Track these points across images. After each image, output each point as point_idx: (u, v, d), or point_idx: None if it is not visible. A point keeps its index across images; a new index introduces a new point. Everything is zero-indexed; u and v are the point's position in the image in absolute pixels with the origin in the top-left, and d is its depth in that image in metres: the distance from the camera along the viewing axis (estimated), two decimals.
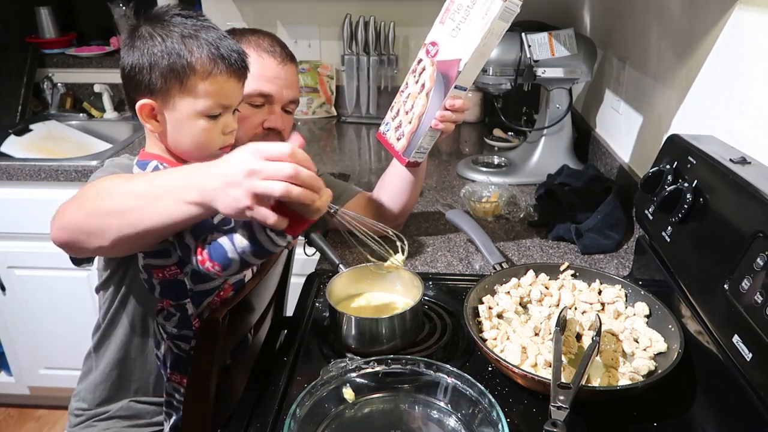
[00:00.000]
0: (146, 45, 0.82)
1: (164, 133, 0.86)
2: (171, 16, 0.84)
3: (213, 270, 0.79)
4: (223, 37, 0.85)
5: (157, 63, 0.81)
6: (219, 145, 0.88)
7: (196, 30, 0.83)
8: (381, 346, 0.89)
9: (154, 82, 0.82)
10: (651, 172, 0.95)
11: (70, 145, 2.17)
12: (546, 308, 0.95)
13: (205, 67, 0.82)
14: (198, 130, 0.85)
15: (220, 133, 0.87)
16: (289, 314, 1.20)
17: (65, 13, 2.65)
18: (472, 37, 0.97)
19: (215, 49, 0.83)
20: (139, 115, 0.85)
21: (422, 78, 1.07)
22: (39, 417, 2.25)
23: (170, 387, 1.00)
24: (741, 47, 0.92)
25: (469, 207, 1.42)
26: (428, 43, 1.06)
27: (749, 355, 0.68)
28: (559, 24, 1.56)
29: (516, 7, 0.94)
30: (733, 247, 0.73)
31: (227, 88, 0.85)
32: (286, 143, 0.70)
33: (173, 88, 0.82)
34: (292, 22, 2.27)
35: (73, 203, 0.80)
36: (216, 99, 0.84)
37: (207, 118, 0.85)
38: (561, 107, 1.59)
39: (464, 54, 0.98)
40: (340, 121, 2.31)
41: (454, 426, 0.75)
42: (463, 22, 0.99)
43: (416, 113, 1.08)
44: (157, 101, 0.84)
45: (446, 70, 1.02)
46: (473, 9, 0.97)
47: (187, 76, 0.82)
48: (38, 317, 2.02)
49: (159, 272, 0.89)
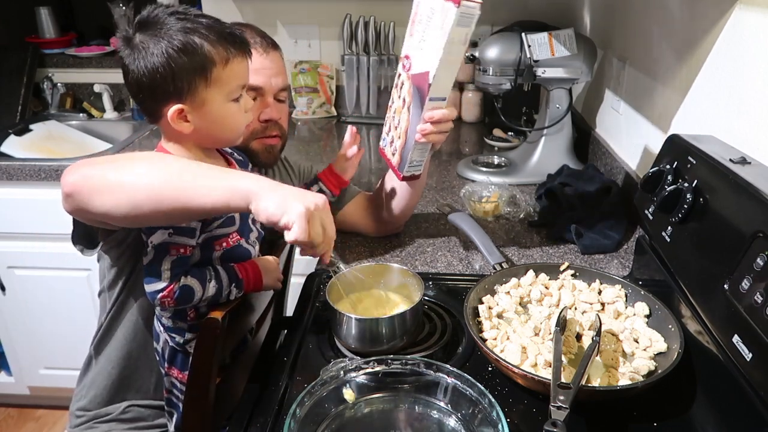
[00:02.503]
0: (157, 50, 0.81)
1: (196, 130, 0.87)
2: (164, 16, 0.83)
3: (166, 305, 0.89)
4: (216, 21, 0.86)
5: (177, 65, 0.81)
6: (245, 123, 0.92)
7: (193, 23, 0.83)
8: (381, 346, 0.89)
9: (180, 86, 0.82)
10: (651, 172, 0.95)
11: (70, 145, 2.17)
12: (546, 308, 0.95)
13: (221, 54, 0.84)
14: (230, 116, 0.88)
15: (244, 112, 0.91)
16: (289, 314, 1.20)
17: (65, 13, 2.65)
18: (435, 48, 0.92)
19: (220, 34, 0.84)
20: (172, 121, 0.85)
21: (402, 93, 1.04)
22: (39, 417, 2.25)
23: (168, 382, 1.00)
24: (741, 47, 0.92)
25: (469, 207, 1.42)
26: (403, 57, 1.02)
27: (749, 355, 0.68)
28: (559, 24, 1.56)
29: (473, 10, 0.87)
30: (733, 247, 0.73)
31: (242, 68, 0.88)
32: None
33: (200, 85, 0.83)
34: (292, 22, 2.27)
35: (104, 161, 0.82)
36: (237, 81, 0.87)
37: (233, 102, 0.88)
38: (561, 107, 1.59)
39: (431, 66, 0.93)
40: (340, 121, 2.31)
41: (454, 426, 0.75)
42: (426, 33, 0.94)
43: (402, 128, 1.04)
44: (187, 103, 0.84)
45: (419, 83, 0.98)
46: (432, 19, 0.92)
47: (209, 69, 0.83)
48: (38, 317, 2.02)
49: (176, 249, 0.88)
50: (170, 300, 0.87)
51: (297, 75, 2.28)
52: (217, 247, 0.93)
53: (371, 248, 1.25)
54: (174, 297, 0.87)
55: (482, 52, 1.53)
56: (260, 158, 1.15)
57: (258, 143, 1.13)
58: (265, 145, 1.14)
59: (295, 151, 1.98)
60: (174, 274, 0.87)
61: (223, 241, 0.93)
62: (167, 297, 0.87)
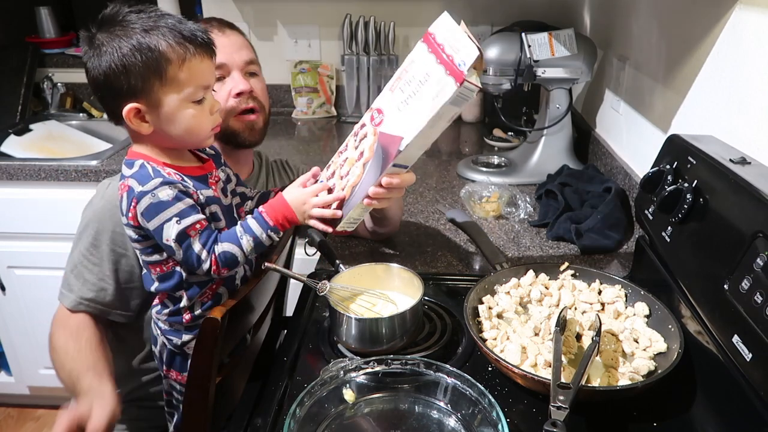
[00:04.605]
0: (112, 48, 0.80)
1: (156, 132, 0.85)
2: (124, 14, 0.82)
3: (222, 274, 0.89)
4: (181, 20, 0.84)
5: (130, 63, 0.80)
6: (210, 126, 0.89)
7: (154, 21, 0.82)
8: (381, 346, 0.89)
9: (134, 84, 0.81)
10: (651, 172, 0.95)
11: (70, 145, 2.17)
12: (546, 308, 0.95)
13: (178, 53, 0.81)
14: (188, 118, 0.85)
15: (209, 114, 0.88)
16: (289, 314, 1.20)
17: (65, 12, 2.65)
18: (419, 116, 0.84)
19: (180, 33, 0.82)
20: (128, 120, 0.83)
21: (362, 145, 0.93)
22: (39, 417, 2.26)
23: (167, 384, 1.00)
24: (741, 47, 0.92)
25: (469, 207, 1.42)
26: (374, 109, 0.91)
27: (749, 355, 0.68)
28: (559, 24, 1.56)
29: (471, 93, 0.82)
30: (733, 247, 0.73)
31: (203, 68, 0.85)
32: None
33: (154, 84, 0.81)
34: (292, 22, 2.27)
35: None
36: (196, 82, 0.84)
37: (193, 104, 0.85)
38: (561, 107, 1.59)
39: (408, 133, 0.85)
40: (340, 121, 2.31)
41: (454, 426, 0.75)
42: (413, 98, 0.85)
43: (350, 182, 0.94)
44: (142, 102, 0.82)
45: (387, 145, 0.88)
46: (425, 86, 0.83)
47: (165, 68, 0.81)
48: (38, 317, 2.01)
49: (157, 267, 0.90)
50: (218, 269, 0.87)
51: (297, 75, 2.29)
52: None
53: (371, 248, 1.25)
54: (220, 266, 0.86)
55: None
56: (244, 138, 1.14)
57: (237, 121, 1.12)
58: (244, 122, 1.13)
59: (295, 151, 1.98)
60: (208, 248, 0.86)
61: None
62: (215, 268, 0.86)
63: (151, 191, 0.82)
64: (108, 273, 1.03)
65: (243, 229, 0.88)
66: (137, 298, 1.06)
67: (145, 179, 0.83)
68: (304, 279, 0.94)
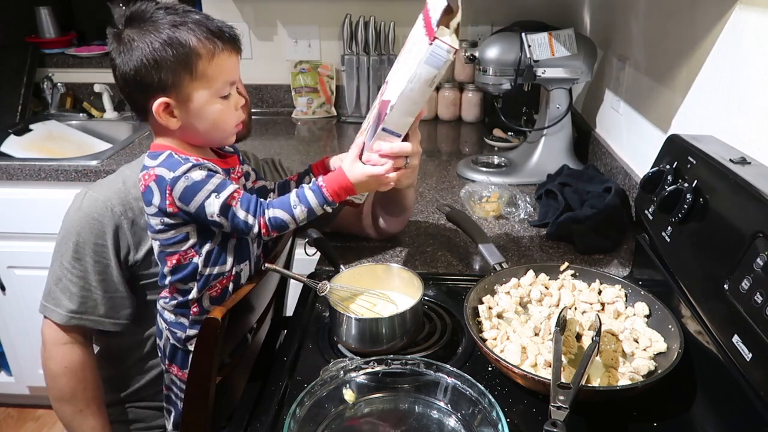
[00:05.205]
0: (144, 44, 0.81)
1: (183, 127, 0.87)
2: (152, 11, 0.83)
3: (272, 236, 0.89)
4: (207, 17, 0.86)
5: (161, 58, 0.81)
6: (235, 122, 0.90)
7: (182, 17, 0.83)
8: (381, 346, 0.89)
9: (164, 79, 0.82)
10: (651, 172, 0.95)
11: (70, 145, 2.17)
12: (546, 308, 0.95)
13: (208, 48, 0.83)
14: (217, 113, 0.87)
15: (233, 110, 0.89)
16: (289, 314, 1.20)
17: (65, 12, 2.65)
18: (403, 79, 0.88)
19: (207, 29, 0.83)
20: (156, 115, 0.84)
21: (371, 115, 1.00)
22: (39, 417, 2.26)
23: (168, 378, 1.00)
24: (741, 47, 0.92)
25: (469, 207, 1.42)
26: (386, 81, 0.98)
27: (749, 355, 0.68)
28: (559, 24, 1.56)
29: (443, 52, 0.82)
30: (733, 247, 0.73)
31: (230, 64, 0.87)
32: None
33: (185, 79, 0.83)
34: (292, 22, 2.27)
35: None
36: (224, 78, 0.86)
37: (221, 99, 0.87)
38: (561, 107, 1.59)
39: (393, 96, 0.89)
40: (340, 121, 2.31)
41: (454, 426, 0.75)
42: (405, 65, 0.90)
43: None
44: (172, 96, 0.84)
45: (381, 109, 0.94)
46: (412, 52, 0.88)
47: (195, 63, 0.82)
48: (38, 317, 2.01)
49: (175, 257, 0.90)
50: (267, 232, 0.87)
51: (297, 75, 2.29)
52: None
53: (371, 248, 1.25)
54: (270, 229, 0.87)
55: (482, 52, 1.53)
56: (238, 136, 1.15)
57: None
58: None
59: (295, 151, 1.98)
60: (252, 212, 0.86)
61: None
62: (265, 231, 0.87)
63: (183, 174, 0.83)
64: (95, 284, 1.02)
65: (298, 198, 0.89)
66: (127, 307, 1.05)
67: (175, 165, 0.84)
68: (304, 279, 0.94)
